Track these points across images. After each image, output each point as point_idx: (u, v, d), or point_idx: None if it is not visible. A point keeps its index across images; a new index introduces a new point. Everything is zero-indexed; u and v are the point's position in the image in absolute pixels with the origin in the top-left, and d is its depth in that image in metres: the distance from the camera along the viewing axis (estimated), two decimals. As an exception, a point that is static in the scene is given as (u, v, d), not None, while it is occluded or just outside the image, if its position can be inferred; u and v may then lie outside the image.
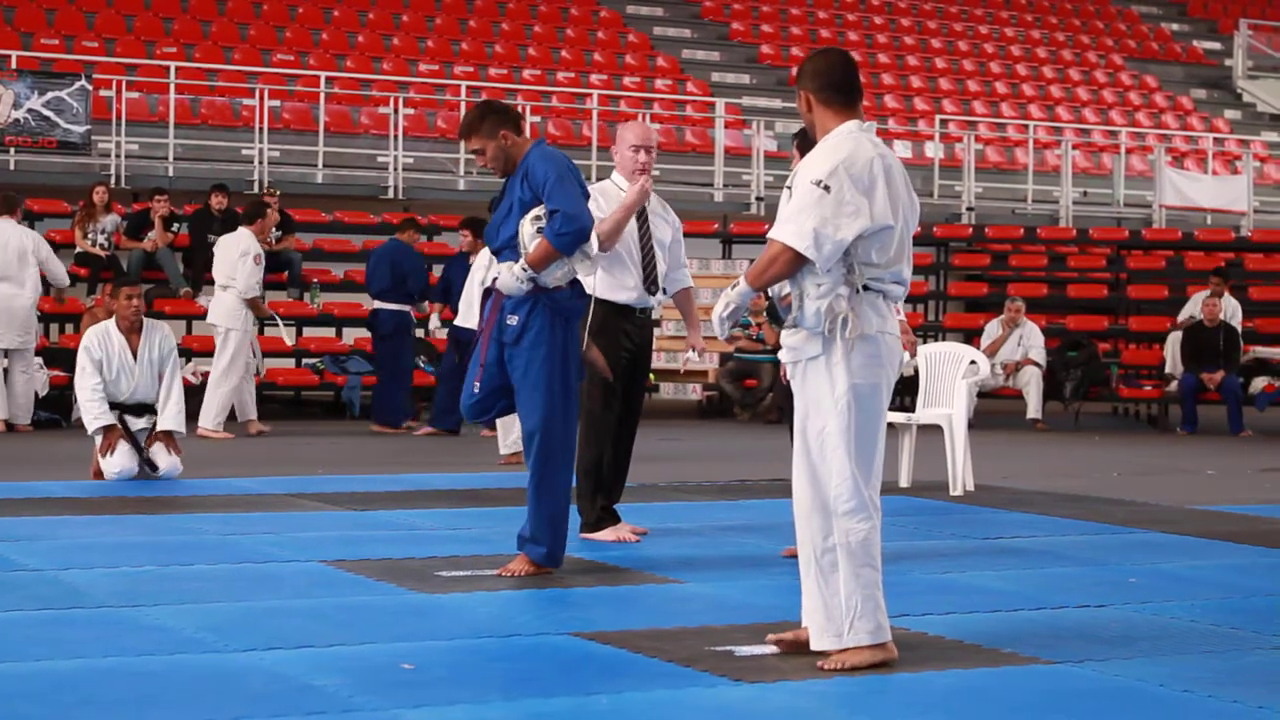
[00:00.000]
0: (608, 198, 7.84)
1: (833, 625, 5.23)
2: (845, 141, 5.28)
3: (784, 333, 5.36)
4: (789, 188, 5.35)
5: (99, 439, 10.13)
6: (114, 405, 10.18)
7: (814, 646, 5.27)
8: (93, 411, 10.12)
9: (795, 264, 5.18)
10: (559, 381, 6.87)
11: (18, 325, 13.83)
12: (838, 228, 5.14)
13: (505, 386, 6.95)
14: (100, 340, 10.23)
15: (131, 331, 10.26)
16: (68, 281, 14.29)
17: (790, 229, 5.16)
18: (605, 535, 7.84)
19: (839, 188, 5.16)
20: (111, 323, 10.32)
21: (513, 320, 6.85)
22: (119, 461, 10.06)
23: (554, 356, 6.86)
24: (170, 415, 10.24)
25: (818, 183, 5.16)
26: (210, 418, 13.60)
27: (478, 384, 6.94)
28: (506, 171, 6.95)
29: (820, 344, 5.22)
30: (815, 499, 5.26)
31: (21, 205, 14.54)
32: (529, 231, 6.76)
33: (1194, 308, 17.34)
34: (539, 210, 6.76)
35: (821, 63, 5.43)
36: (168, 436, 10.23)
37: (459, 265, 14.30)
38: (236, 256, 13.76)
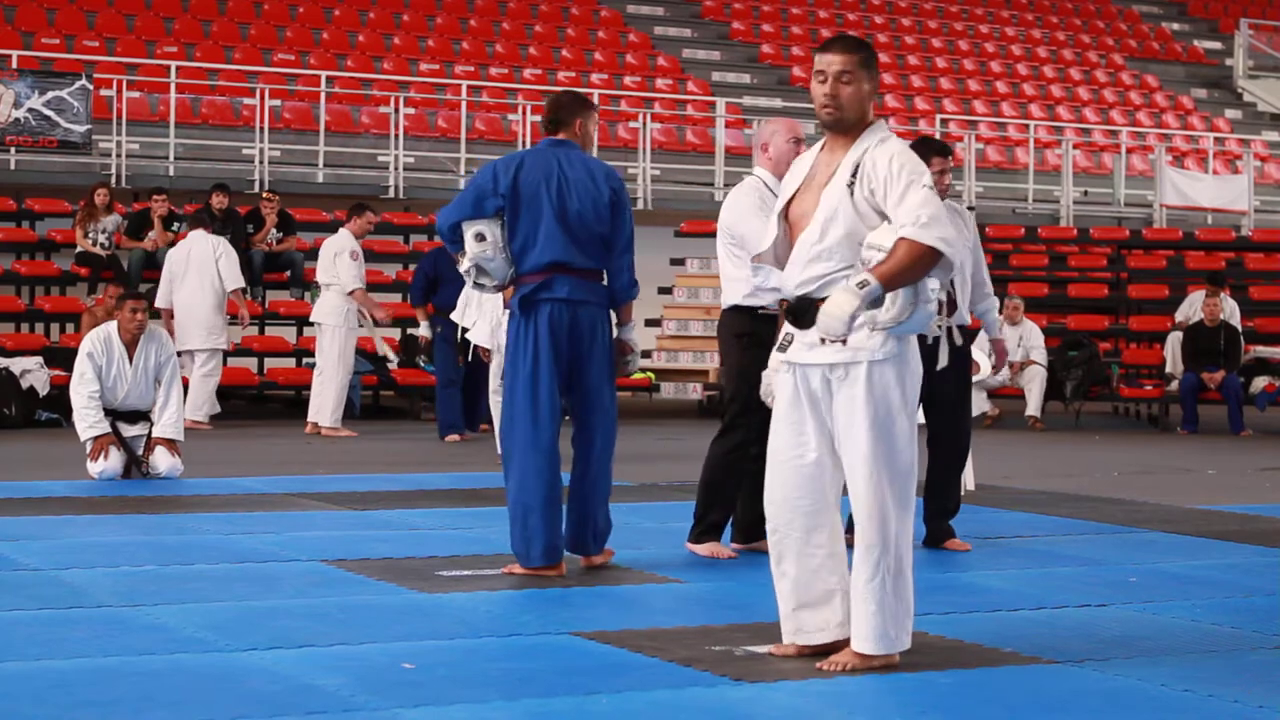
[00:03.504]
0: (768, 204, 6.93)
1: (891, 630, 5.12)
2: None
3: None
4: (853, 182, 5.10)
5: (89, 446, 10.14)
6: (108, 411, 10.17)
7: (869, 652, 5.11)
8: (87, 420, 10.10)
9: (931, 266, 5.06)
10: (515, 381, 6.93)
11: (200, 327, 14.24)
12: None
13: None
14: (102, 345, 10.21)
15: (132, 339, 10.26)
16: (239, 284, 14.46)
17: (935, 233, 5.01)
18: (702, 550, 7.51)
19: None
20: (113, 326, 10.31)
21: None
22: (104, 465, 10.05)
23: (513, 357, 6.92)
24: (169, 423, 10.23)
25: (929, 186, 5.08)
26: (328, 416, 13.86)
27: None
28: None
29: (895, 343, 5.11)
30: (898, 500, 5.11)
31: (207, 218, 14.94)
32: None
33: (1190, 308, 17.34)
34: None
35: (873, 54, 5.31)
36: (169, 441, 10.24)
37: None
38: (332, 256, 13.99)
